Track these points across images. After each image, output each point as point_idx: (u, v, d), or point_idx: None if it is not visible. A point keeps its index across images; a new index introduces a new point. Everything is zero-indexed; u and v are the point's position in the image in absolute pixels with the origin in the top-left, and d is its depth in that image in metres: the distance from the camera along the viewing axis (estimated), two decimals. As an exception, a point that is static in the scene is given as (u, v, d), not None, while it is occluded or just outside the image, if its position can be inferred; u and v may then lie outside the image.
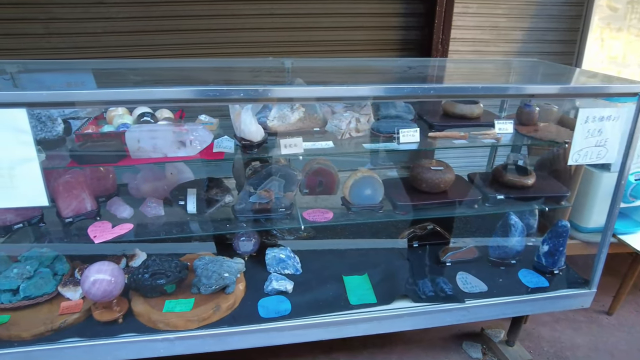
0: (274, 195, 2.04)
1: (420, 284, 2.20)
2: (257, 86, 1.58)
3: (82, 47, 3.38)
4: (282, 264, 2.24)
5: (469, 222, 2.78)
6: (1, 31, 3.28)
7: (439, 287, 2.19)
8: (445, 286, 2.18)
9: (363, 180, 2.09)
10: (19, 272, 1.97)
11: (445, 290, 2.16)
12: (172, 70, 2.38)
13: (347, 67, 2.48)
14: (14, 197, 1.57)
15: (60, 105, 1.64)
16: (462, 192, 2.32)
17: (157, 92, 1.54)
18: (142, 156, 1.78)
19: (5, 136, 1.49)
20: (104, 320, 1.90)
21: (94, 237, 1.91)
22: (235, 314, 1.99)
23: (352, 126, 1.99)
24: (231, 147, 1.91)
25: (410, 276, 2.24)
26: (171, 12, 3.28)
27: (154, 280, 1.94)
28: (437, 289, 2.18)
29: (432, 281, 2.23)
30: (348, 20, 3.53)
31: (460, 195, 2.30)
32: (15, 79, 2.14)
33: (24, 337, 1.85)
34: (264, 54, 3.47)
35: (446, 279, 2.23)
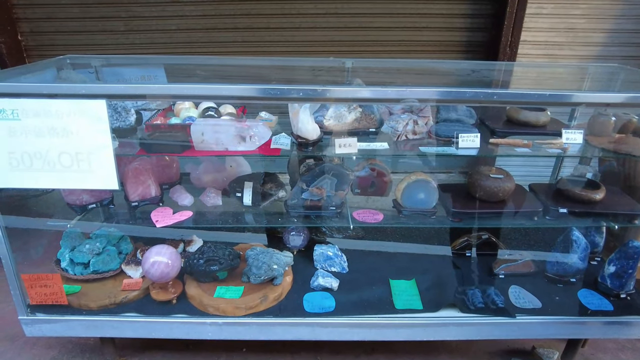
0: (325, 193, 2.07)
1: (469, 293, 2.13)
2: (315, 86, 1.61)
3: (157, 43, 3.62)
4: (329, 261, 2.26)
5: (527, 234, 2.64)
6: (88, 28, 3.60)
7: (490, 298, 2.11)
8: (497, 298, 2.09)
9: (417, 183, 2.06)
10: (90, 247, 2.16)
11: (496, 302, 2.07)
12: (238, 67, 2.48)
13: (409, 68, 2.45)
14: (91, 179, 1.73)
15: (135, 97, 1.77)
16: (521, 203, 2.21)
17: (220, 89, 1.62)
18: (205, 148, 1.88)
19: (87, 124, 1.64)
20: (159, 300, 2.03)
21: (156, 222, 2.05)
22: (281, 305, 2.04)
23: (409, 128, 1.97)
24: (288, 144, 1.96)
25: (460, 285, 2.17)
26: (241, 10, 3.42)
27: (207, 266, 2.04)
28: (488, 300, 2.10)
29: (483, 292, 2.15)
30: (412, 20, 3.48)
31: (520, 205, 2.19)
32: (98, 72, 2.35)
33: (91, 307, 2.03)
34: (329, 53, 3.52)
35: (498, 291, 2.14)
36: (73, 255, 2.13)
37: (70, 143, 1.67)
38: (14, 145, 1.67)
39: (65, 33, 3.66)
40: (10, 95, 1.62)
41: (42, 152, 1.69)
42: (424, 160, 2.28)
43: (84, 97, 1.61)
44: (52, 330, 2.03)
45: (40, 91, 1.62)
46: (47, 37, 3.69)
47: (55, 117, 1.63)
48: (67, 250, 2.18)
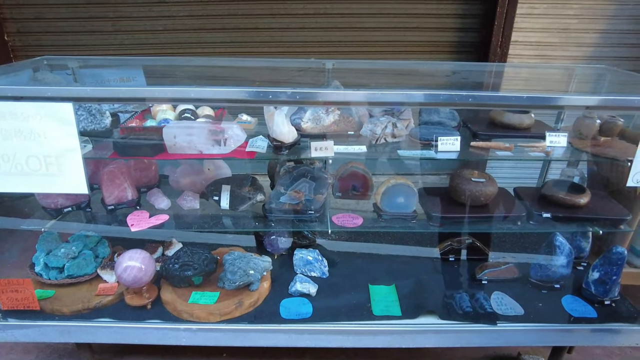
0: (304, 197, 2.03)
1: (457, 297, 2.10)
2: (287, 88, 1.57)
3: (145, 44, 3.59)
4: (309, 265, 2.23)
5: (511, 239, 2.59)
6: (76, 29, 3.57)
7: (479, 303, 2.07)
8: (486, 303, 2.06)
9: (396, 187, 2.02)
10: (66, 251, 2.13)
11: (484, 306, 2.04)
12: (221, 68, 2.45)
13: (390, 69, 2.40)
14: (60, 183, 1.69)
15: (104, 100, 1.74)
16: (504, 207, 2.16)
17: (193, 91, 1.58)
18: (178, 151, 1.84)
19: (54, 127, 1.60)
20: (134, 305, 2.00)
21: (131, 225, 2.01)
22: (257, 311, 2.01)
23: (388, 131, 1.93)
24: (264, 147, 1.92)
25: (443, 291, 2.13)
26: (229, 10, 3.39)
27: (182, 271, 2.01)
28: (476, 305, 2.07)
29: (472, 296, 2.11)
30: (403, 20, 3.43)
31: (503, 210, 2.15)
32: (76, 74, 2.32)
33: (64, 312, 1.99)
34: (318, 54, 3.48)
35: (485, 295, 2.10)
36: (47, 260, 2.10)
37: (38, 146, 1.64)
38: (-20, 147, 1.65)
39: (53, 33, 3.63)
40: (-25, 97, 1.59)
41: (9, 155, 1.65)
42: (409, 163, 2.25)
43: (51, 99, 1.58)
44: (25, 335, 2.00)
45: (6, 93, 1.59)
46: (35, 38, 3.66)
47: (22, 119, 1.60)
48: (42, 254, 2.15)
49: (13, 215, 2.22)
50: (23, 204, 2.69)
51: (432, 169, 2.77)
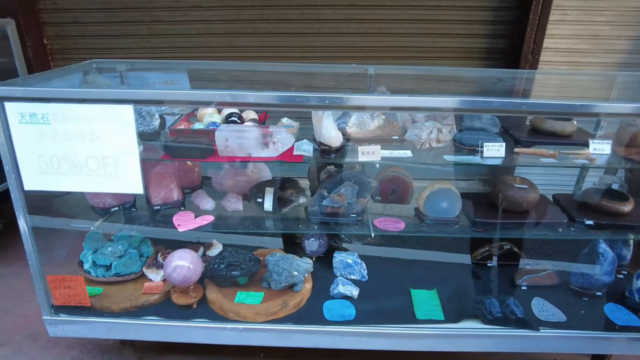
0: (346, 200, 2.06)
1: (487, 303, 2.10)
2: (340, 94, 1.61)
3: (178, 47, 3.66)
4: (349, 268, 2.25)
5: (549, 245, 2.59)
6: (112, 32, 3.65)
7: (509, 309, 2.07)
8: (516, 309, 2.06)
9: (440, 192, 2.04)
10: (112, 250, 2.18)
11: (515, 312, 2.04)
12: (260, 73, 2.49)
13: (432, 75, 2.43)
14: (116, 183, 1.75)
15: (161, 103, 1.79)
16: (545, 214, 2.17)
17: (246, 95, 1.62)
18: (228, 154, 1.88)
19: (114, 129, 1.66)
20: (180, 304, 2.04)
21: (178, 226, 2.06)
22: (301, 312, 2.04)
23: (433, 136, 1.95)
24: (310, 150, 1.95)
25: (484, 296, 2.14)
26: (262, 15, 3.44)
27: (228, 271, 2.04)
28: (506, 310, 2.07)
29: (502, 302, 2.11)
30: (433, 27, 3.46)
31: (544, 216, 2.15)
32: (123, 77, 2.38)
33: (112, 309, 2.04)
34: (349, 59, 3.52)
35: (517, 301, 2.10)
36: (96, 258, 2.15)
37: (98, 147, 1.69)
38: (43, 148, 1.70)
39: (89, 37, 3.72)
40: (42, 99, 1.64)
41: (70, 155, 1.71)
42: (444, 168, 2.26)
43: (112, 102, 1.63)
44: (75, 331, 2.05)
45: (70, 96, 1.64)
46: (72, 41, 3.76)
47: (84, 121, 1.66)
48: (89, 252, 2.21)
49: (57, 214, 2.28)
50: (63, 202, 2.76)
51: (460, 175, 2.78)
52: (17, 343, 2.41)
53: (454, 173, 2.48)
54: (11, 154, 1.72)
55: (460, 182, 2.85)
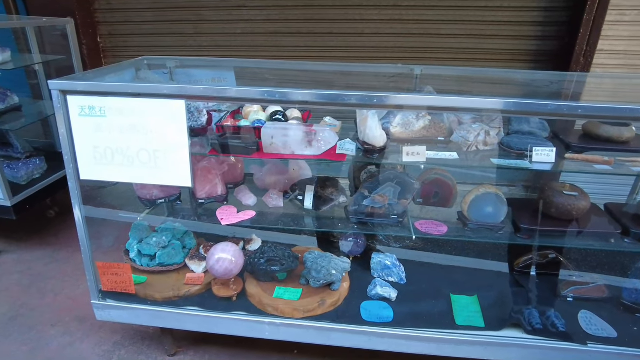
0: (387, 201, 2.04)
1: (526, 313, 2.03)
2: (387, 93, 1.60)
3: (222, 46, 3.74)
4: (387, 270, 2.23)
5: (599, 257, 2.47)
6: (160, 31, 3.78)
7: (550, 321, 1.99)
8: (558, 321, 1.97)
9: (486, 196, 1.99)
10: (157, 241, 2.26)
11: (556, 325, 1.96)
12: (304, 72, 2.51)
13: (481, 77, 2.37)
14: (166, 176, 1.81)
15: (210, 99, 1.83)
16: (596, 223, 2.08)
17: (296, 94, 1.64)
18: (273, 151, 1.91)
19: (166, 123, 1.71)
20: (220, 296, 2.09)
21: (222, 219, 2.11)
22: (338, 311, 2.04)
23: (480, 139, 1.91)
24: (353, 150, 1.95)
25: (525, 305, 2.07)
26: (305, 15, 3.46)
27: (268, 266, 2.07)
28: (547, 322, 1.99)
29: (542, 313, 2.04)
30: (479, 28, 3.37)
31: (594, 226, 2.06)
32: (172, 73, 2.46)
33: (155, 298, 2.11)
34: (392, 59, 3.49)
35: (559, 313, 2.02)
36: (141, 247, 2.24)
37: (149, 140, 1.75)
38: (99, 140, 1.78)
39: (139, 35, 3.87)
40: (100, 93, 1.72)
41: (123, 147, 1.78)
42: (484, 172, 2.21)
43: (165, 97, 1.69)
44: (120, 316, 2.14)
45: (126, 90, 1.72)
46: (122, 39, 3.92)
47: (138, 115, 1.72)
48: (135, 242, 2.29)
49: (104, 204, 2.38)
50: (107, 193, 2.89)
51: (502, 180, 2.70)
52: (65, 324, 2.54)
53: (497, 177, 2.42)
54: (70, 145, 1.81)
55: (502, 187, 2.78)
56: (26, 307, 2.66)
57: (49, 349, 2.36)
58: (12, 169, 2.99)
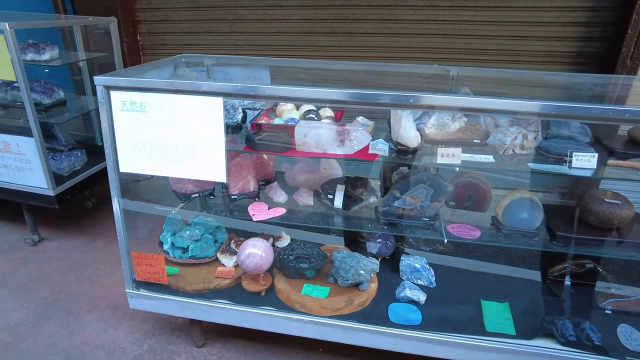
0: (419, 203, 2.02)
1: (559, 324, 1.96)
2: (422, 93, 1.58)
3: (257, 45, 3.80)
4: (416, 273, 2.21)
5: (635, 268, 2.37)
6: (197, 30, 3.88)
7: (585, 334, 1.92)
8: (593, 334, 1.90)
9: (521, 201, 1.93)
10: (190, 234, 2.32)
11: (592, 338, 1.88)
12: (339, 71, 2.51)
13: (520, 79, 2.31)
14: (202, 171, 1.85)
15: (246, 97, 1.86)
16: (639, 233, 1.99)
17: (328, 92, 1.65)
18: (305, 149, 1.93)
19: (204, 119, 1.76)
20: (250, 290, 2.12)
21: (253, 215, 2.14)
22: (365, 311, 2.03)
23: (517, 142, 1.86)
24: (385, 150, 1.94)
25: (559, 315, 2.01)
26: (340, 15, 3.47)
27: (297, 263, 2.09)
28: (581, 335, 1.92)
29: (576, 325, 1.96)
30: (519, 29, 3.28)
31: (637, 236, 1.97)
32: (209, 71, 2.51)
33: (187, 290, 2.17)
34: (426, 60, 3.45)
35: (594, 326, 1.94)
36: (174, 240, 2.30)
37: (187, 136, 1.80)
38: (139, 134, 1.85)
39: (176, 34, 3.97)
40: (141, 89, 1.78)
41: (162, 142, 1.84)
42: (522, 176, 2.15)
43: (204, 94, 1.73)
44: (152, 306, 2.20)
45: (166, 87, 1.77)
46: (160, 37, 4.04)
47: (177, 111, 1.77)
48: (169, 234, 2.36)
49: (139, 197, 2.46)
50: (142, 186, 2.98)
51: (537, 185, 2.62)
52: (100, 311, 2.64)
53: (532, 182, 2.35)
54: (112, 139, 1.88)
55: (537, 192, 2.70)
56: (65, 293, 2.79)
57: (85, 333, 2.46)
58: (55, 160, 3.13)
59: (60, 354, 2.32)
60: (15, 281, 2.89)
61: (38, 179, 2.90)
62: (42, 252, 3.21)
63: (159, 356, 2.31)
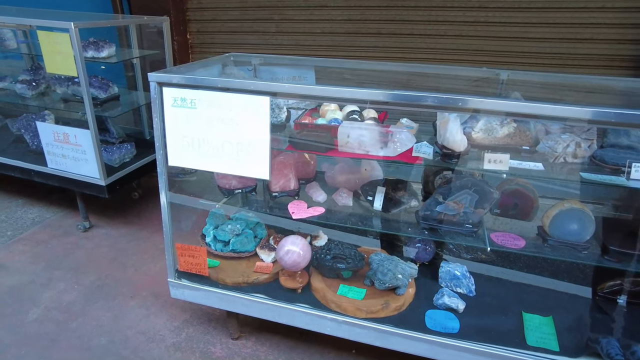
0: (462, 209, 1.97)
1: (603, 342, 1.85)
2: (469, 96, 1.55)
3: (302, 45, 3.84)
4: (456, 281, 2.16)
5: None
6: (244, 29, 3.96)
7: (636, 356, 1.81)
8: None
9: (571, 212, 1.85)
10: (232, 228, 2.37)
11: None
12: (384, 72, 2.50)
13: (575, 84, 2.20)
14: (246, 167, 1.90)
15: (292, 96, 1.89)
16: (703, 253, 1.85)
17: (372, 93, 1.64)
18: (347, 150, 1.93)
19: (250, 118, 1.80)
20: (286, 287, 2.15)
21: (292, 213, 2.17)
22: (402, 316, 2.01)
23: (570, 150, 1.78)
24: (430, 153, 1.91)
25: (611, 334, 1.90)
26: (387, 16, 3.44)
27: (334, 262, 2.10)
28: (632, 357, 1.80)
29: (626, 347, 1.85)
30: (574, 31, 3.13)
31: (701, 255, 1.84)
32: (256, 70, 2.57)
33: (226, 282, 2.22)
34: (474, 63, 3.37)
35: None
36: (217, 233, 2.36)
37: (233, 133, 1.85)
38: (188, 130, 1.91)
39: (224, 33, 4.08)
40: (192, 86, 1.85)
41: (209, 138, 1.90)
42: (572, 186, 2.06)
43: (251, 92, 1.77)
44: (192, 296, 2.27)
45: (216, 84, 1.82)
46: (209, 36, 4.16)
47: (225, 108, 1.82)
48: (211, 228, 2.43)
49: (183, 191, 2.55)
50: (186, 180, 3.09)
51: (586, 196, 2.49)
52: (143, 298, 2.75)
53: (583, 193, 2.24)
54: (162, 133, 1.96)
55: (588, 203, 2.57)
56: (111, 278, 2.93)
57: (128, 318, 2.58)
58: (107, 152, 3.30)
59: (105, 335, 2.44)
60: (67, 264, 3.07)
61: (91, 169, 3.07)
62: (92, 238, 3.39)
63: (195, 345, 2.38)
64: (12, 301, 2.70)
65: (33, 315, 2.59)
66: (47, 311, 2.63)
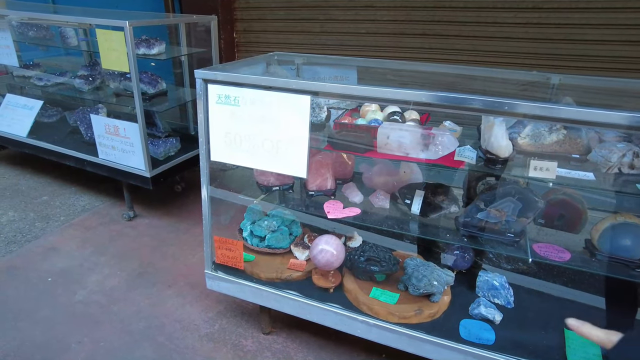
0: (505, 217, 1.90)
1: None
2: (517, 100, 1.48)
3: (346, 45, 3.84)
4: (494, 291, 2.08)
5: None
6: (289, 29, 4.02)
7: None
8: None
9: (624, 226, 1.74)
10: (268, 224, 2.41)
11: None
12: (427, 73, 2.45)
13: (635, 90, 2.07)
14: (284, 165, 1.91)
15: (333, 96, 1.89)
16: None
17: (415, 94, 1.61)
18: (387, 151, 1.91)
19: (291, 116, 1.81)
20: (319, 285, 2.15)
21: (328, 212, 2.17)
22: (435, 323, 1.96)
23: (626, 160, 1.67)
24: (473, 157, 1.86)
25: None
26: (434, 17, 3.38)
27: (368, 265, 2.08)
28: None
29: None
30: (636, 33, 2.94)
31: None
32: (299, 69, 2.59)
33: (260, 277, 2.26)
34: (523, 66, 3.24)
35: None
36: (253, 228, 2.41)
37: (274, 131, 1.87)
38: (231, 126, 1.95)
39: (269, 32, 4.15)
40: (236, 84, 1.89)
41: (251, 135, 1.93)
42: (626, 199, 1.92)
43: (293, 91, 1.78)
44: (227, 289, 2.32)
45: (259, 83, 1.85)
46: (254, 35, 4.24)
47: (267, 106, 1.85)
48: (248, 223, 2.47)
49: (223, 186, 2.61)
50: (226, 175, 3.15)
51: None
52: (179, 287, 2.85)
53: (638, 207, 2.10)
54: (206, 129, 2.02)
55: None
56: (151, 267, 3.05)
57: (165, 306, 2.67)
58: (153, 145, 3.44)
59: (143, 321, 2.55)
60: (112, 251, 3.22)
61: (138, 161, 3.20)
62: (136, 227, 3.55)
63: (227, 337, 2.43)
64: (62, 282, 2.88)
65: (80, 296, 2.74)
66: (93, 294, 2.77)
